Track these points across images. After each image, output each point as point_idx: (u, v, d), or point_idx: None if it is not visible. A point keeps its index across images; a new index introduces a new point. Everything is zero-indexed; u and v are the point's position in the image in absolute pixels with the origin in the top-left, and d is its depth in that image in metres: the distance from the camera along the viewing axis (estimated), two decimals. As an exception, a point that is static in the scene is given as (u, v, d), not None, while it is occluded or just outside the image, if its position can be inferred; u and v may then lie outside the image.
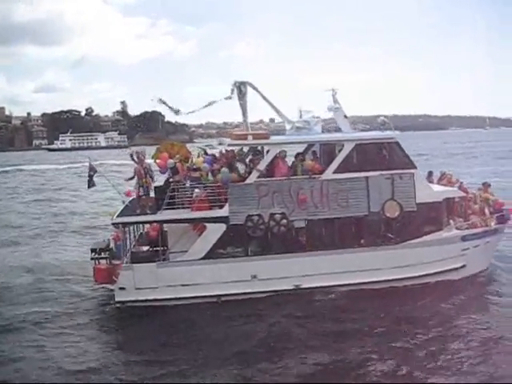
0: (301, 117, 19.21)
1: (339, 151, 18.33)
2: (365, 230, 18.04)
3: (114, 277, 17.50)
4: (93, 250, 18.84)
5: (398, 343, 14.14)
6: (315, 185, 17.57)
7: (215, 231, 17.16)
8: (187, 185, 17.60)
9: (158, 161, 18.34)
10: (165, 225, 17.64)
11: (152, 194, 17.81)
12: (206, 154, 19.24)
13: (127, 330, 15.95)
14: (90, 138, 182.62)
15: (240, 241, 17.59)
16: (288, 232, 17.56)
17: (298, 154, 18.50)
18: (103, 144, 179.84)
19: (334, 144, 18.79)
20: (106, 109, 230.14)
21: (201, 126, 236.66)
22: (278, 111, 18.87)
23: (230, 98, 18.25)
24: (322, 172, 17.83)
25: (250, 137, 17.80)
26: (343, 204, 17.59)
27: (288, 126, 19.28)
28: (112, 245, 18.88)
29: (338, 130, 19.33)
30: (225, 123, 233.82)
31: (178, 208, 17.10)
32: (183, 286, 17.05)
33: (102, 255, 18.66)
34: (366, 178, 17.68)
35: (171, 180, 17.60)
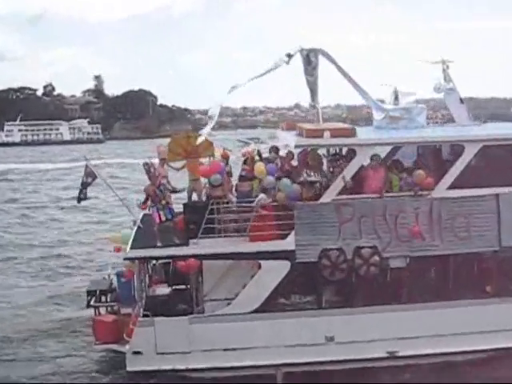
0: (396, 100, 19.24)
1: (452, 154, 18.39)
2: (493, 272, 17.92)
3: (124, 334, 17.50)
4: (90, 293, 18.88)
5: None
6: (422, 206, 17.32)
7: (274, 272, 17.08)
8: (233, 202, 17.57)
9: (204, 167, 18.38)
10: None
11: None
12: (260, 157, 19.08)
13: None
14: (48, 128, 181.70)
15: (311, 286, 17.64)
16: (381, 275, 17.45)
17: (394, 161, 18.56)
18: (67, 137, 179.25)
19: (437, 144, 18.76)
20: (73, 86, 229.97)
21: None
22: (363, 93, 18.62)
23: (286, 62, 18.04)
24: (431, 187, 17.59)
25: (326, 133, 17.39)
26: (462, 235, 17.41)
27: (378, 116, 19.07)
28: (115, 283, 19.04)
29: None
30: (244, 108, 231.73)
31: (220, 236, 17.10)
32: (227, 350, 17.05)
33: (104, 301, 18.85)
34: (497, 196, 17.44)
35: (210, 195, 17.72)
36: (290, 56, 17.96)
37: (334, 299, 17.82)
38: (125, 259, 17.79)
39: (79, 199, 18.80)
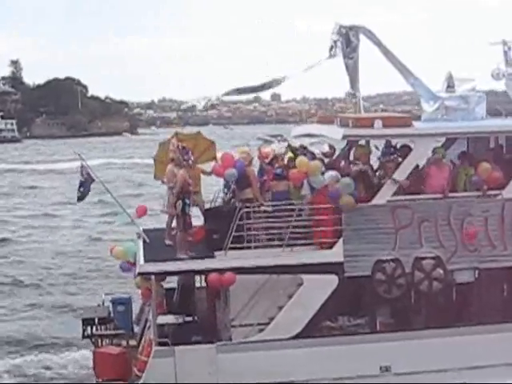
0: (448, 87, 18.08)
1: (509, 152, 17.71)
2: None
3: (134, 368, 16.35)
4: (86, 322, 17.91)
5: None
6: (491, 208, 16.35)
7: (319, 289, 16.02)
8: (267, 205, 16.38)
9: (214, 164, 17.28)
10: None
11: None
12: (294, 153, 17.75)
13: None
14: None
15: (362, 306, 16.74)
16: (445, 291, 16.50)
17: (463, 154, 17.33)
18: None
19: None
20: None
21: (151, 105, 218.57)
22: (414, 79, 17.48)
23: (333, 56, 17.50)
24: (500, 184, 16.49)
25: (378, 122, 16.36)
26: None
27: (429, 106, 17.91)
28: (111, 308, 18.18)
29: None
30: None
31: (249, 247, 15.95)
32: None
33: (103, 330, 17.91)
34: None
35: (235, 197, 16.77)
36: (333, 47, 17.42)
37: (390, 321, 16.78)
38: (139, 274, 16.35)
39: (79, 198, 17.26)
